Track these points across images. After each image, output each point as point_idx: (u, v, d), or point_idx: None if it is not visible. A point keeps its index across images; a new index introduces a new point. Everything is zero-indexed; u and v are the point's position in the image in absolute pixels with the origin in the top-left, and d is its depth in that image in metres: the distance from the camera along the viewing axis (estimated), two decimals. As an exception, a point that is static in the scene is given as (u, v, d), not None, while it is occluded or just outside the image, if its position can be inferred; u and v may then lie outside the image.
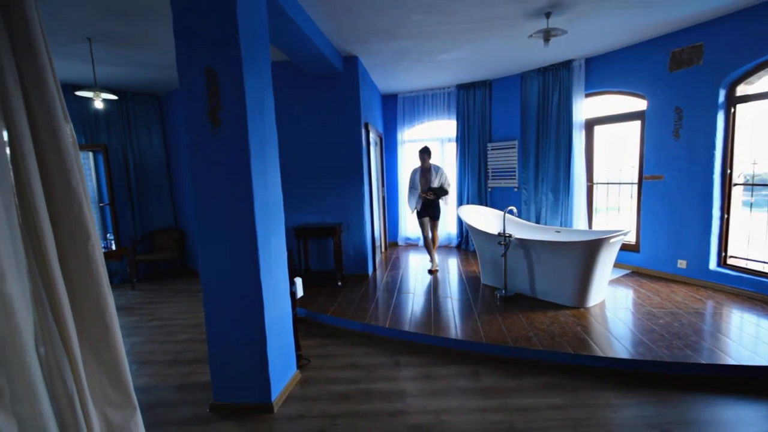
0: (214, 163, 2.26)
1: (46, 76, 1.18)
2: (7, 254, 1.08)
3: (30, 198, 1.15)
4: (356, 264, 4.91)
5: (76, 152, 1.28)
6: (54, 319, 1.19)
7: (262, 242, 2.34)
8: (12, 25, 1.14)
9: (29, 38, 1.16)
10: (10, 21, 1.14)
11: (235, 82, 2.19)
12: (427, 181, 4.95)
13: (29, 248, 1.15)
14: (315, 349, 3.24)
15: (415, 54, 4.52)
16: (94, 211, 5.51)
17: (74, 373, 1.22)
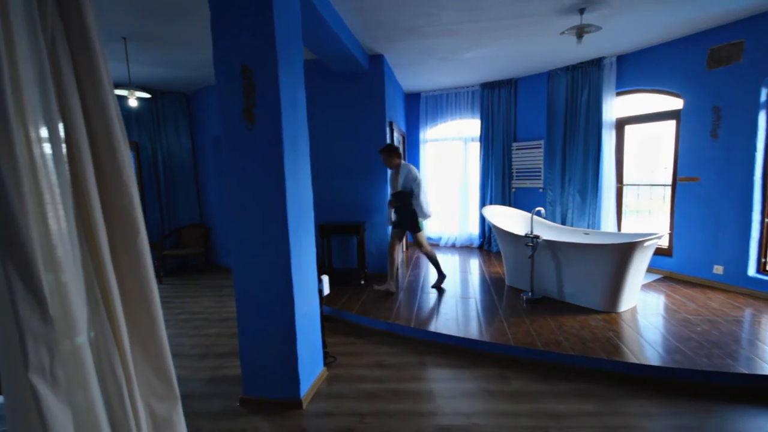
0: (248, 159, 2.28)
1: (100, 72, 1.20)
2: (65, 246, 1.11)
3: (85, 192, 1.17)
4: (379, 263, 4.91)
5: (127, 147, 1.30)
6: (105, 310, 1.22)
7: (293, 239, 2.36)
8: (68, 21, 1.17)
9: (85, 33, 1.18)
10: (67, 16, 1.17)
11: (271, 79, 2.21)
12: (396, 185, 4.12)
13: (83, 240, 1.18)
14: (341, 347, 3.25)
15: (442, 52, 4.48)
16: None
17: (123, 364, 1.24)
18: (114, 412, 1.21)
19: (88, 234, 1.18)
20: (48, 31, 1.12)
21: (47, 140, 1.08)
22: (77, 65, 1.17)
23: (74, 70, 1.16)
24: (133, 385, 1.27)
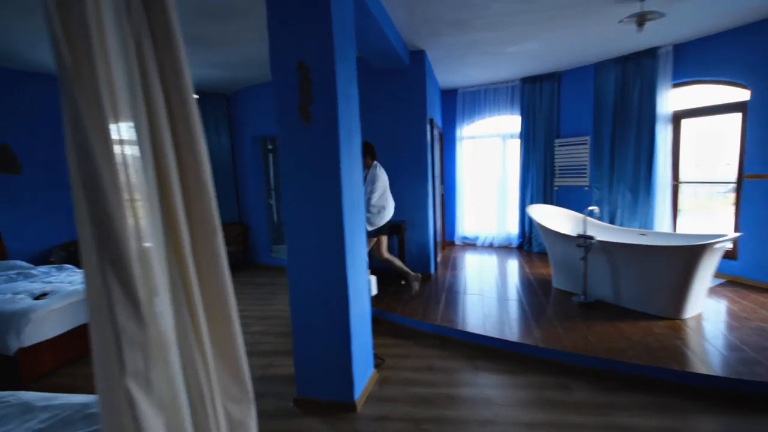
0: (303, 157, 2.25)
1: (182, 70, 1.18)
2: (155, 244, 1.08)
3: (169, 191, 1.15)
4: (419, 262, 4.82)
5: (205, 147, 1.27)
6: (188, 312, 1.19)
7: (348, 238, 2.31)
8: (153, 21, 1.15)
9: (168, 31, 1.15)
10: (152, 17, 1.15)
11: (327, 76, 2.16)
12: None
13: (169, 241, 1.16)
14: (387, 349, 3.19)
15: (486, 46, 4.33)
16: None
17: (204, 366, 1.22)
18: (196, 415, 1.18)
19: (173, 234, 1.16)
20: (135, 32, 1.09)
21: (136, 141, 1.06)
22: (161, 66, 1.14)
23: (159, 70, 1.14)
24: (213, 388, 1.24)
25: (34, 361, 2.88)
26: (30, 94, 4.41)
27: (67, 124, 0.88)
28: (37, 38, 3.55)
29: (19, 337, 2.73)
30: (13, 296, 3.09)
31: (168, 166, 1.14)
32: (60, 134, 4.70)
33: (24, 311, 2.79)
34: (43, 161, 4.51)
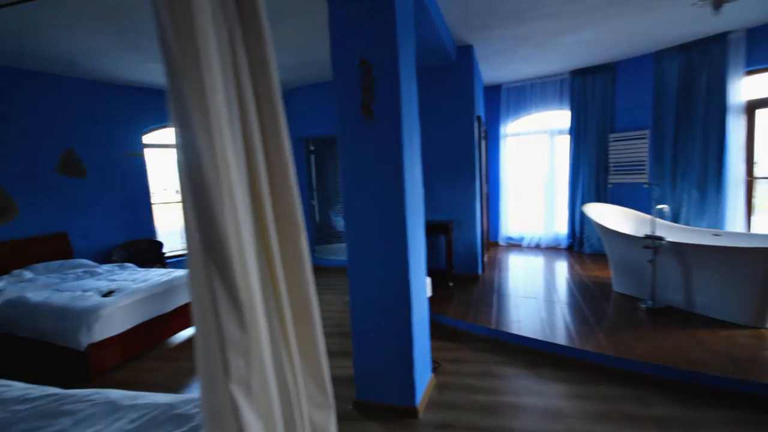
0: (365, 156, 2.20)
1: (270, 65, 1.14)
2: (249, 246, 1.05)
3: (259, 191, 1.12)
4: (466, 263, 4.69)
5: (290, 145, 1.24)
6: (277, 315, 1.16)
7: (411, 239, 2.24)
8: (242, 12, 1.12)
9: (258, 26, 1.12)
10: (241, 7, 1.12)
11: (390, 73, 2.10)
12: None
13: (259, 241, 1.13)
14: (441, 353, 3.10)
15: (538, 38, 4.14)
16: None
17: (292, 370, 1.18)
18: (285, 422, 1.15)
19: (262, 234, 1.13)
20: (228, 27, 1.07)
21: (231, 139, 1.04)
22: (251, 61, 1.11)
23: (249, 66, 1.11)
24: (300, 394, 1.21)
25: (103, 356, 3.01)
26: (92, 101, 4.65)
27: (176, 123, 0.85)
28: (100, 49, 3.72)
29: (89, 332, 2.86)
30: (83, 293, 3.25)
31: (258, 164, 1.12)
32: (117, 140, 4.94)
33: (94, 308, 2.92)
34: (103, 166, 4.75)
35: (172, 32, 0.83)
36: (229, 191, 0.93)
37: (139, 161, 5.18)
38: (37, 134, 4.17)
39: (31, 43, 3.46)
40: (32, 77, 4.13)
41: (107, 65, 4.22)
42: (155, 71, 4.54)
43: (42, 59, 3.87)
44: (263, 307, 1.09)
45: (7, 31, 3.18)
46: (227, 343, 0.90)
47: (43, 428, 1.34)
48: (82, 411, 1.39)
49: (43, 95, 4.23)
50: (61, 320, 2.90)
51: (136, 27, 3.30)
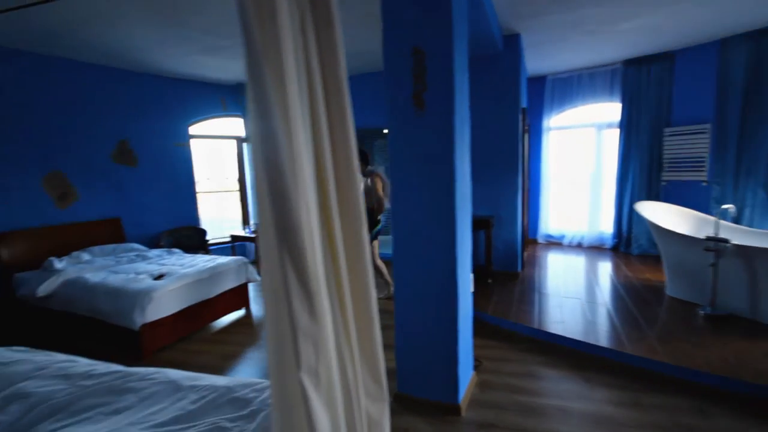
0: (415, 147, 2.16)
1: (339, 52, 1.12)
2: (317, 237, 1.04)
3: (324, 178, 1.10)
4: (505, 260, 4.57)
5: (354, 134, 1.21)
6: (339, 305, 1.15)
7: (459, 232, 2.19)
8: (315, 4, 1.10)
9: (328, 10, 1.10)
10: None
11: (444, 62, 2.04)
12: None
13: (324, 232, 1.12)
14: (482, 350, 3.03)
15: (591, 24, 3.92)
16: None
17: (352, 362, 1.17)
18: (346, 413, 1.14)
19: (326, 223, 1.12)
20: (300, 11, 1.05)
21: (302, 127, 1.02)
22: (320, 46, 1.09)
23: (318, 51, 1.09)
24: (359, 385, 1.19)
25: (154, 336, 3.16)
26: (144, 93, 4.85)
27: (254, 108, 0.85)
28: (152, 42, 3.86)
29: (143, 313, 3.00)
30: (136, 276, 3.41)
31: (324, 153, 1.10)
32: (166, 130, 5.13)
33: (147, 290, 3.06)
34: (153, 155, 4.96)
35: (255, 13, 0.82)
36: (302, 180, 0.91)
37: (185, 151, 5.38)
38: (95, 125, 4.40)
39: (91, 37, 3.64)
40: (91, 70, 4.35)
41: (158, 58, 4.37)
42: (202, 64, 4.67)
43: (100, 52, 4.07)
44: (328, 298, 1.08)
45: (71, 24, 3.35)
46: (299, 331, 0.89)
47: (110, 404, 1.41)
48: (146, 389, 1.45)
49: (101, 87, 4.45)
50: (117, 301, 3.05)
51: (185, 19, 3.38)
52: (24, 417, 1.37)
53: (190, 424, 1.23)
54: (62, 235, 4.04)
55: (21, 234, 3.77)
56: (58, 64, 4.09)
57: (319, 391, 0.94)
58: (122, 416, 1.31)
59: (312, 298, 0.91)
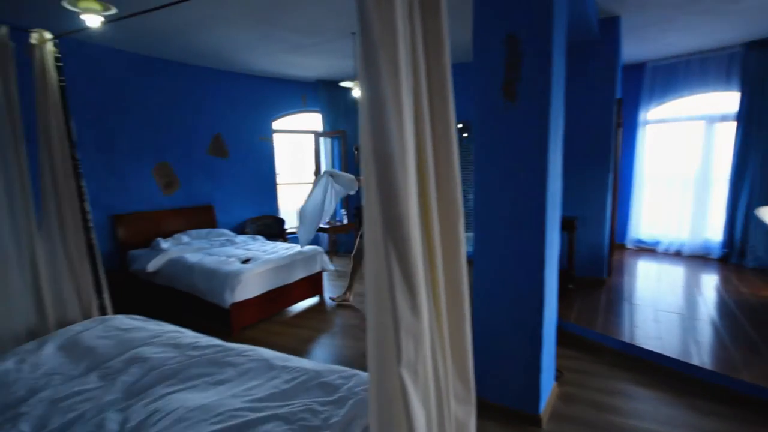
0: (503, 141, 2.05)
1: (444, 40, 1.07)
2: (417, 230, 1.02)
3: (425, 172, 1.07)
4: (589, 265, 4.22)
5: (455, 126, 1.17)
6: (433, 301, 1.12)
7: (548, 234, 2.04)
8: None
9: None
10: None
11: (542, 49, 1.90)
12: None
13: (422, 224, 1.09)
14: (564, 360, 2.82)
15: (707, 2, 3.41)
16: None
17: (444, 362, 1.14)
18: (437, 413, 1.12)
19: (425, 218, 1.09)
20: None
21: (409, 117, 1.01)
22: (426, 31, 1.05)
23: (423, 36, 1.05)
24: (449, 385, 1.16)
25: (241, 315, 3.42)
26: (234, 91, 5.26)
27: (366, 98, 0.84)
28: (244, 42, 4.14)
29: (232, 293, 3.26)
30: (227, 259, 3.72)
31: (426, 144, 1.06)
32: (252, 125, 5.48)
33: (236, 272, 3.32)
34: (241, 148, 5.37)
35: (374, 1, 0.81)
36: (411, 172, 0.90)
37: (268, 145, 5.74)
38: (195, 120, 4.86)
39: (195, 40, 4.01)
40: (193, 70, 4.81)
41: (249, 58, 4.69)
42: (286, 62, 4.92)
43: (201, 54, 4.47)
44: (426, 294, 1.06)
45: (179, 29, 3.71)
46: (401, 325, 0.88)
47: (213, 374, 1.54)
48: (243, 364, 1.56)
49: (200, 86, 4.90)
50: (211, 280, 3.36)
51: (276, 19, 3.57)
52: (142, 378, 1.56)
53: (285, 402, 1.29)
54: (166, 219, 4.54)
55: (135, 216, 4.30)
56: (167, 66, 4.58)
57: (417, 387, 0.92)
58: (224, 387, 1.43)
59: (414, 293, 0.89)
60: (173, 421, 1.20)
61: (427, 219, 1.10)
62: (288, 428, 1.19)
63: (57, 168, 1.95)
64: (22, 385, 1.56)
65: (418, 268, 0.93)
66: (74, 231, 2.06)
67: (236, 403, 1.29)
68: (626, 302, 3.66)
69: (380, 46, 0.82)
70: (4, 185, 1.85)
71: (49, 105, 1.90)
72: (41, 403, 1.44)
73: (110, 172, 4.12)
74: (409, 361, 0.90)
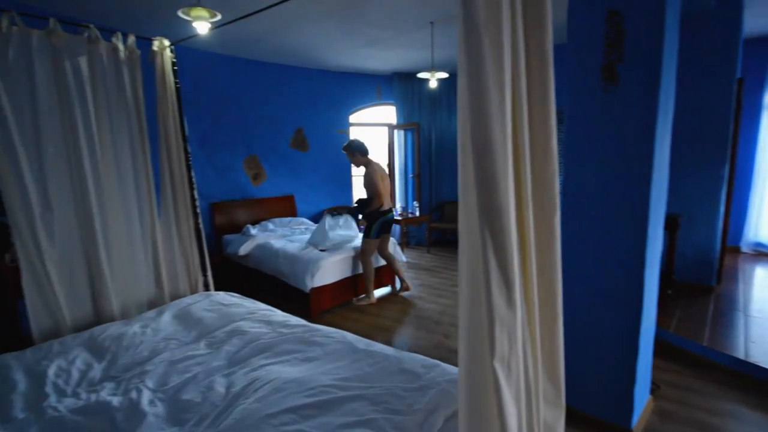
0: (601, 130, 1.88)
1: (547, 21, 1.01)
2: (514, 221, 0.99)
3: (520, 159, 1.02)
4: (695, 270, 3.73)
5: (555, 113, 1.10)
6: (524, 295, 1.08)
7: (651, 232, 1.84)
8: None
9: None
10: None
11: (650, 24, 1.70)
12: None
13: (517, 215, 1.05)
14: (660, 373, 2.55)
15: None
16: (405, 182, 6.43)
17: (534, 361, 1.09)
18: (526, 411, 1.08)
19: (519, 210, 1.05)
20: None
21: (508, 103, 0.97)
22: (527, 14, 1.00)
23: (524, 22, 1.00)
24: (539, 385, 1.11)
25: (319, 300, 3.62)
26: (315, 87, 5.51)
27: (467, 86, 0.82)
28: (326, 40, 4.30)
29: (312, 279, 3.46)
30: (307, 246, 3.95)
31: (522, 130, 1.01)
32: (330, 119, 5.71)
33: (316, 259, 3.51)
34: (320, 142, 5.63)
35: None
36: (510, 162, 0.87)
37: (344, 138, 5.94)
38: (279, 116, 5.21)
39: (281, 40, 4.26)
40: (278, 69, 5.14)
41: (328, 54, 4.88)
42: (363, 56, 5.02)
43: (285, 54, 4.75)
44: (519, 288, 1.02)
45: (269, 31, 3.98)
46: (495, 318, 0.86)
47: (302, 352, 1.66)
48: (329, 345, 1.66)
49: (284, 83, 5.22)
50: (294, 265, 3.59)
51: (357, 14, 3.65)
52: (242, 349, 1.73)
53: (369, 384, 1.35)
54: (254, 207, 4.94)
55: (228, 204, 4.76)
56: (257, 66, 4.95)
57: (510, 383, 0.90)
58: (313, 365, 1.53)
59: (510, 286, 0.87)
60: (271, 390, 1.32)
61: (521, 210, 1.05)
62: (373, 409, 1.23)
63: (173, 161, 2.23)
64: (146, 347, 1.82)
65: (514, 260, 0.90)
66: (185, 216, 2.34)
67: (325, 380, 1.38)
68: (740, 313, 3.18)
69: (484, 32, 0.80)
70: (134, 178, 2.17)
71: (168, 105, 2.17)
72: (162, 363, 1.67)
73: (209, 164, 4.59)
74: (503, 354, 0.88)
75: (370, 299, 3.90)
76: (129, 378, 1.56)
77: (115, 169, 2.08)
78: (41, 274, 1.86)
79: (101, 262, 2.02)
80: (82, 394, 1.47)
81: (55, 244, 1.90)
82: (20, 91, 1.82)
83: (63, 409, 1.37)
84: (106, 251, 2.06)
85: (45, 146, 1.89)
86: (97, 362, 1.69)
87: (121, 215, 2.14)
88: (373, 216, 3.81)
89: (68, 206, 1.96)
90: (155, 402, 1.39)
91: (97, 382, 1.56)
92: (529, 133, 1.05)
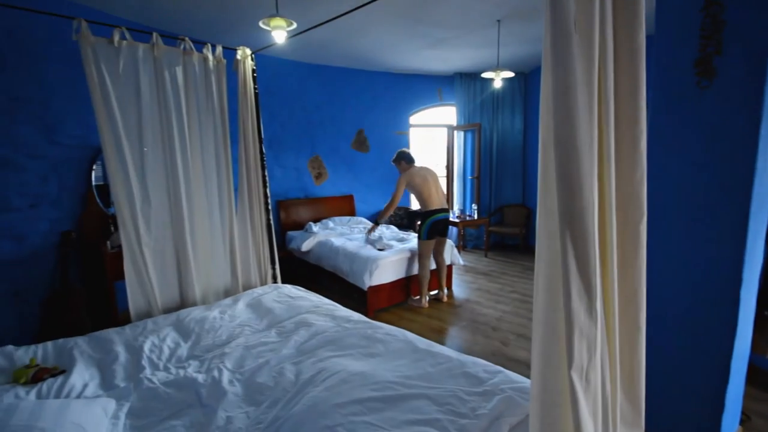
0: (692, 127, 1.72)
1: (640, 14, 0.95)
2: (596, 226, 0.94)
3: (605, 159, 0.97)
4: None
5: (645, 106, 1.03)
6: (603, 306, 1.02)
7: (750, 246, 1.65)
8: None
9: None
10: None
11: (755, 17, 1.52)
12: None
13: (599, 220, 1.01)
14: (752, 403, 2.27)
15: None
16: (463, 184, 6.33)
17: (612, 377, 1.03)
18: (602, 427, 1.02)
19: (602, 214, 0.99)
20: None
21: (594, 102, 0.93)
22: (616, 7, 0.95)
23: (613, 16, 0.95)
24: (616, 403, 1.05)
25: (376, 298, 3.69)
26: (376, 88, 5.62)
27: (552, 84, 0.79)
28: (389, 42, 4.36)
29: (370, 277, 3.53)
30: (366, 245, 4.04)
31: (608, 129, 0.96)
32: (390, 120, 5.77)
33: (375, 258, 3.58)
34: (379, 142, 5.72)
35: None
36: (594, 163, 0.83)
37: (404, 139, 5.98)
38: (342, 117, 5.38)
39: (347, 45, 4.41)
40: (342, 72, 5.32)
41: (390, 57, 4.95)
42: (425, 57, 5.03)
43: (349, 58, 4.90)
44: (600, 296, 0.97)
45: (337, 37, 4.13)
46: (574, 326, 0.83)
47: (365, 347, 1.71)
48: (391, 343, 1.69)
49: (347, 86, 5.38)
50: (353, 263, 3.70)
51: (422, 14, 3.66)
52: (309, 340, 1.82)
53: (432, 384, 1.36)
54: (316, 206, 5.16)
55: (292, 202, 5.01)
56: (323, 70, 5.16)
57: (588, 396, 0.86)
58: (375, 361, 1.57)
59: (591, 293, 0.83)
60: (338, 381, 1.38)
61: (603, 215, 1.00)
62: (437, 409, 1.24)
63: (250, 160, 2.42)
64: (224, 331, 1.98)
65: (596, 267, 0.86)
66: (258, 212, 2.52)
67: (389, 376, 1.41)
68: None
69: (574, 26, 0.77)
70: (216, 177, 2.38)
71: (248, 109, 2.35)
72: (238, 348, 1.81)
73: (276, 164, 4.87)
74: (581, 365, 0.84)
75: (422, 303, 3.90)
76: (210, 358, 1.71)
77: (201, 168, 2.30)
78: (139, 259, 2.10)
79: (188, 252, 2.25)
80: (172, 369, 1.64)
81: (151, 234, 2.15)
82: (127, 99, 2.08)
83: (157, 381, 1.54)
84: (192, 242, 2.28)
85: (146, 147, 2.14)
86: (184, 341, 1.88)
87: (205, 210, 2.35)
88: (422, 217, 3.83)
89: (163, 200, 2.20)
90: (234, 382, 1.52)
91: (184, 360, 1.74)
92: (615, 134, 0.99)
